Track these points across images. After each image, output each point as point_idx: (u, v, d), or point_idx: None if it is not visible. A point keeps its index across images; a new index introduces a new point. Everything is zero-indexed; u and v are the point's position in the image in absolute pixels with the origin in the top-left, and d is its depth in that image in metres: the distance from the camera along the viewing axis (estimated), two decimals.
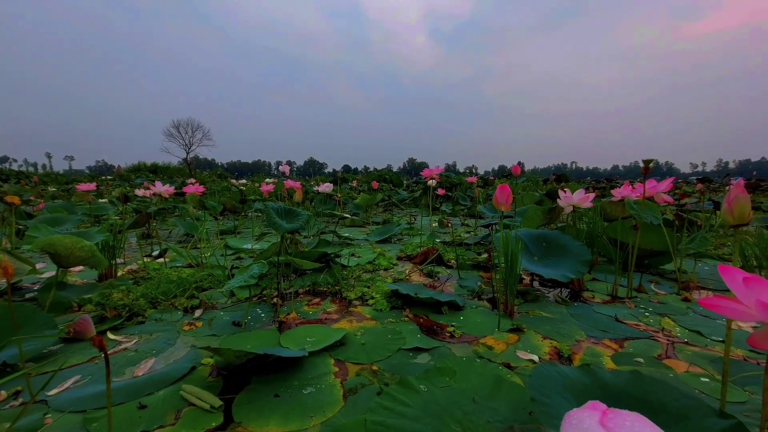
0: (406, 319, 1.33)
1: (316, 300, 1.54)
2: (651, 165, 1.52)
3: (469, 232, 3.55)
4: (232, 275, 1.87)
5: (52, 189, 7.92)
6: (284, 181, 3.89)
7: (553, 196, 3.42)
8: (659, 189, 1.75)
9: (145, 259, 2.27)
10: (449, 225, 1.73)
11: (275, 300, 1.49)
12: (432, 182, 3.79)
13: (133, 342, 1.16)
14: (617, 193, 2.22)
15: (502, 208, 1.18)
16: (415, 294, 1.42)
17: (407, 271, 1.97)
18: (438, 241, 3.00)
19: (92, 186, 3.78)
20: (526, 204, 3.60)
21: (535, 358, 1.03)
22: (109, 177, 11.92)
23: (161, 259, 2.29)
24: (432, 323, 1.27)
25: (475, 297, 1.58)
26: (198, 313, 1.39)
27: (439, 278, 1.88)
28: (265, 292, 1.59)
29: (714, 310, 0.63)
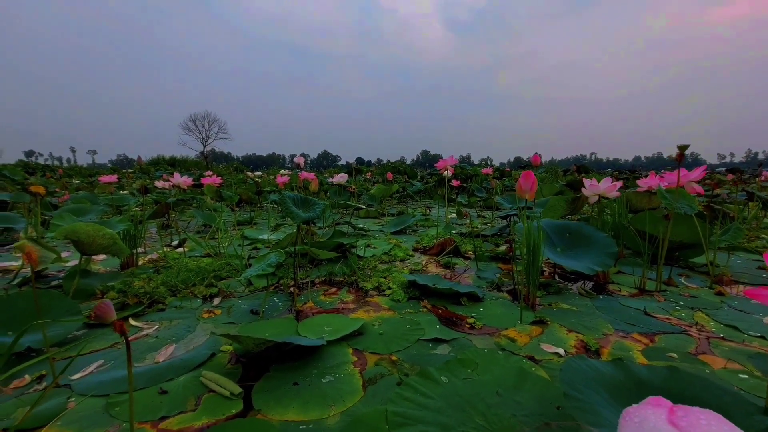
0: (425, 309, 1.30)
1: (333, 290, 1.53)
2: (685, 151, 1.44)
3: (486, 224, 3.48)
4: (249, 265, 1.88)
5: (76, 181, 8.18)
6: (299, 173, 3.90)
7: (574, 186, 3.31)
8: (690, 177, 1.66)
9: (165, 249, 2.31)
10: (467, 216, 1.67)
11: (292, 289, 1.49)
12: (447, 173, 3.73)
13: (154, 328, 1.17)
14: (643, 183, 2.12)
15: (526, 196, 1.13)
16: (434, 285, 1.39)
17: (424, 262, 1.94)
18: (454, 232, 2.96)
19: (114, 178, 3.87)
20: (546, 195, 3.50)
21: (561, 351, 0.99)
22: (129, 170, 12.24)
23: (180, 249, 2.32)
24: (451, 314, 1.24)
25: (494, 288, 1.53)
26: (216, 301, 1.40)
27: (456, 270, 1.84)
28: (281, 282, 1.59)
29: (762, 301, 0.58)
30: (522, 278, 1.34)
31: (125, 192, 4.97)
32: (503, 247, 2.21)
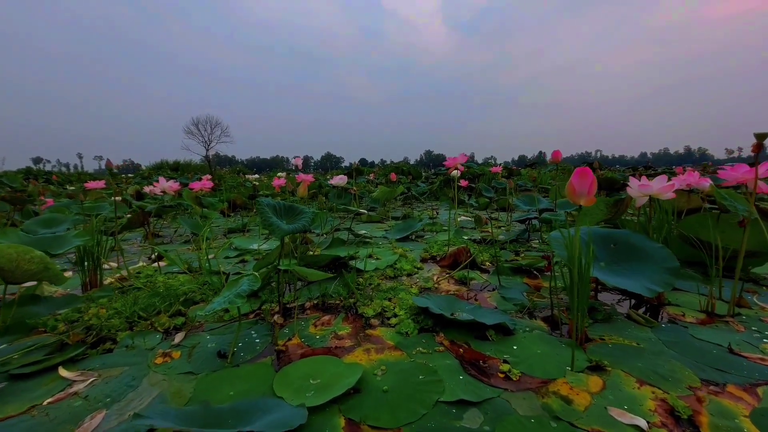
0: (441, 348, 1.01)
1: (326, 317, 1.25)
2: (764, 141, 1.14)
3: (500, 227, 3.19)
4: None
5: (71, 188, 7.99)
6: (296, 175, 3.63)
7: (600, 185, 2.99)
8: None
9: (143, 263, 2.06)
10: (487, 222, 1.38)
11: (275, 318, 1.21)
12: (456, 172, 3.43)
13: (88, 382, 0.90)
14: (681, 180, 1.83)
15: (581, 202, 0.84)
16: (451, 315, 1.11)
17: (435, 277, 1.65)
18: (466, 238, 2.67)
19: (101, 184, 3.63)
20: (562, 192, 3.20)
21: (642, 423, 0.70)
22: (130, 174, 12.09)
23: (156, 264, 2.06)
24: (477, 356, 0.96)
25: (525, 314, 1.24)
26: (179, 338, 1.12)
27: (472, 286, 1.55)
28: (264, 307, 1.31)
29: None
30: (559, 300, 1.05)
31: (118, 198, 4.74)
32: (525, 257, 1.92)
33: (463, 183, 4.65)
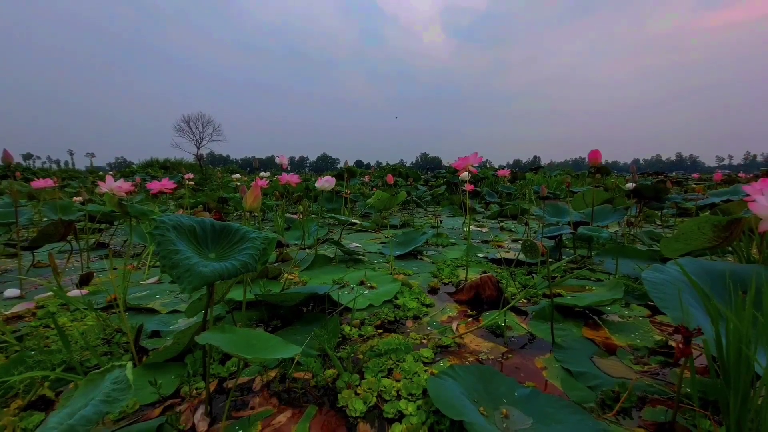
0: None
1: (284, 415, 0.74)
2: None
3: (517, 240, 2.70)
4: (152, 333, 1.09)
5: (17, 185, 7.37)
6: (279, 176, 3.12)
7: (641, 194, 2.50)
8: None
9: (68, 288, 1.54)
10: (545, 252, 0.92)
11: (195, 420, 0.70)
12: (465, 175, 2.95)
13: None
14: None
15: None
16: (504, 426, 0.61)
17: (454, 326, 1.15)
18: (481, 256, 2.18)
19: (49, 182, 3.08)
20: (589, 201, 2.72)
21: None
22: (110, 172, 11.47)
23: (79, 291, 1.54)
24: None
25: (617, 411, 0.75)
26: None
27: (511, 342, 1.06)
28: (182, 391, 0.80)
29: None
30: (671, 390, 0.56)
31: (79, 198, 4.17)
32: (569, 294, 1.43)
33: (469, 187, 4.17)
